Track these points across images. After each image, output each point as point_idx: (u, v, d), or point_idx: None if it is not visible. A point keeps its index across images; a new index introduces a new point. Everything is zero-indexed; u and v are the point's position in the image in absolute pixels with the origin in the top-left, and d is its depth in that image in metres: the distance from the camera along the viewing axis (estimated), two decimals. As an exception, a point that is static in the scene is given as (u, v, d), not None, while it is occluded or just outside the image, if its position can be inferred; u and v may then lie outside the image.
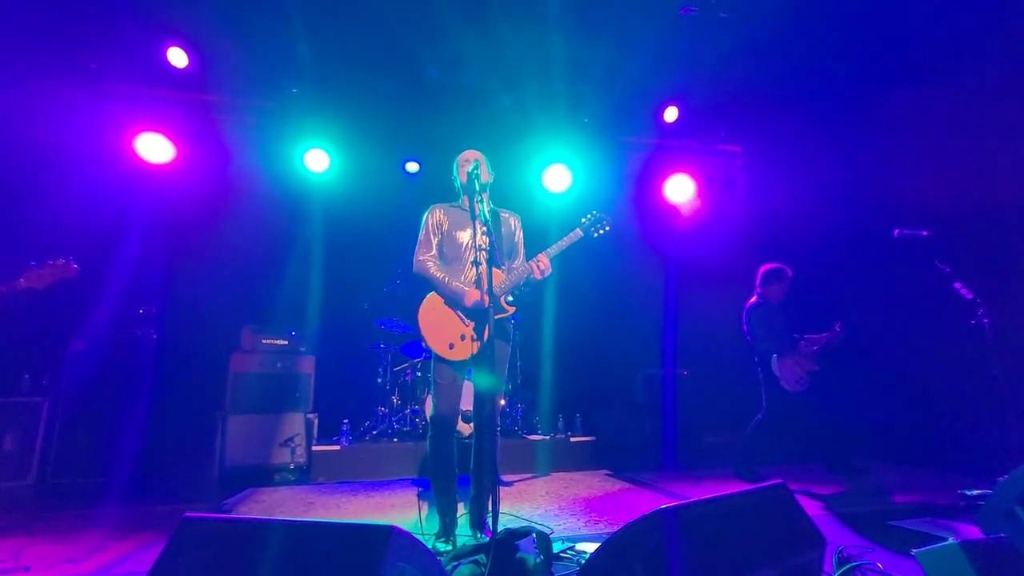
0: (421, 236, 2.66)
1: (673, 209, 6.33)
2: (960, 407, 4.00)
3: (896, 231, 3.35)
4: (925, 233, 3.26)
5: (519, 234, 2.78)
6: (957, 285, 3.10)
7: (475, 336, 2.45)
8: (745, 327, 4.23)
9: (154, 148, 4.99)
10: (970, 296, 3.05)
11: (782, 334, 4.09)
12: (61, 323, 4.44)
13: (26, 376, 4.29)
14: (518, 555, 1.69)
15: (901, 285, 4.23)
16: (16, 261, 2.99)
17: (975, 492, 3.15)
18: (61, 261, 2.77)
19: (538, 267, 2.48)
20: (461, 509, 2.55)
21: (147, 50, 4.64)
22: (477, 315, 2.47)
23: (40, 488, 3.92)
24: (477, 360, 2.48)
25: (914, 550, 1.58)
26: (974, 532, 2.41)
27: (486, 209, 2.45)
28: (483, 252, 2.15)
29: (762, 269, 4.24)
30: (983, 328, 2.97)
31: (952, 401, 4.07)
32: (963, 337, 3.16)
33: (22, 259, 3.15)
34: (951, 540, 1.55)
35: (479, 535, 2.35)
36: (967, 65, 3.98)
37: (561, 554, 2.14)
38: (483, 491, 2.43)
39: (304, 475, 4.33)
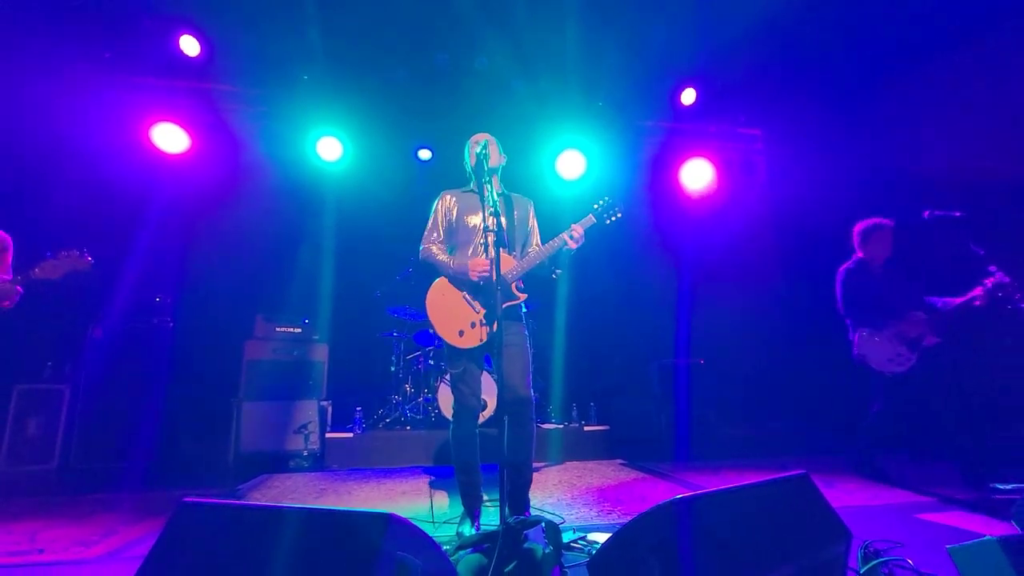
0: (429, 223, 2.62)
1: (690, 195, 6.16)
2: (993, 396, 3.82)
3: (927, 213, 3.17)
4: (958, 214, 3.09)
5: (532, 219, 2.72)
6: (993, 268, 2.94)
7: (484, 322, 2.39)
8: (838, 295, 3.59)
9: (170, 138, 5.01)
10: (1007, 280, 2.89)
11: (877, 302, 3.39)
12: (81, 311, 4.52)
13: (49, 363, 4.38)
14: (526, 544, 1.64)
15: (932, 270, 4.05)
16: (35, 250, 3.02)
17: (1007, 487, 3.01)
18: (75, 252, 2.77)
19: (571, 237, 2.42)
20: (484, 496, 2.56)
21: (159, 39, 4.65)
22: (488, 300, 2.40)
23: (63, 472, 4.00)
24: (491, 347, 2.42)
25: (948, 546, 1.48)
26: (1007, 528, 2.30)
27: (495, 192, 2.38)
28: (491, 234, 2.07)
29: (857, 228, 3.63)
30: (1021, 313, 2.82)
31: (984, 390, 3.89)
32: (999, 323, 3.00)
33: (41, 249, 3.18)
34: (988, 536, 1.45)
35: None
36: (1000, 34, 3.75)
37: (572, 544, 2.09)
38: (514, 478, 2.36)
39: (318, 462, 4.35)
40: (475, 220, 2.55)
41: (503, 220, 2.36)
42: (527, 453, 2.38)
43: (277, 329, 4.78)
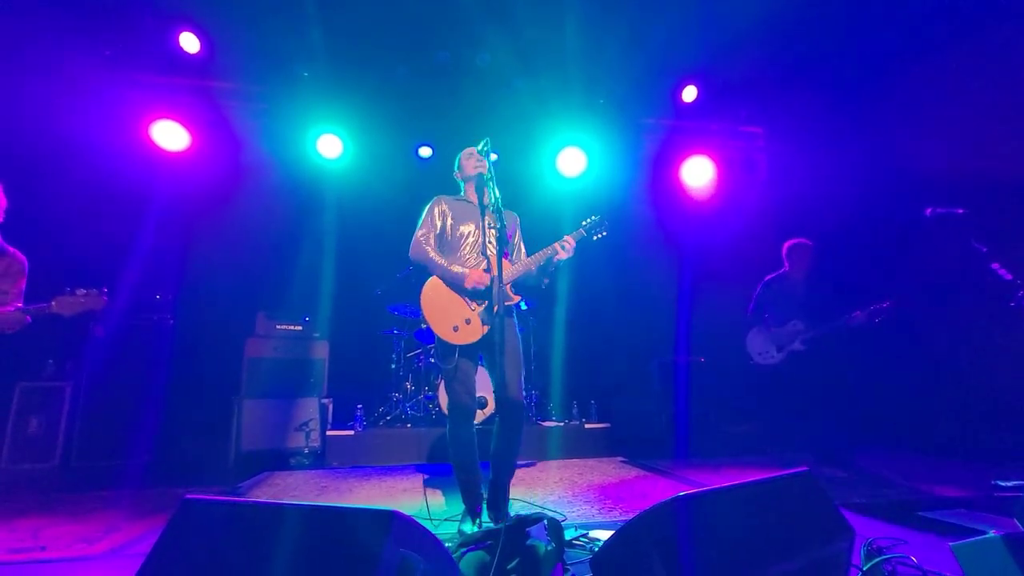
0: (423, 221, 2.62)
1: (691, 193, 6.15)
2: (994, 394, 3.82)
3: (929, 210, 3.16)
4: (960, 211, 3.07)
5: (519, 233, 2.77)
6: (995, 266, 2.93)
7: (483, 320, 2.40)
8: (752, 300, 4.22)
9: (170, 135, 5.00)
10: (1009, 277, 2.88)
11: (774, 309, 4.00)
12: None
13: (50, 361, 4.38)
14: (529, 542, 1.64)
15: (934, 267, 4.04)
16: (34, 250, 3.00)
17: (1010, 483, 3.01)
18: (95, 292, 2.66)
19: (563, 247, 2.47)
20: (484, 494, 2.55)
21: (160, 36, 4.63)
22: (483, 298, 2.42)
23: (64, 470, 4.00)
24: (487, 345, 2.42)
25: (950, 543, 1.48)
26: (1010, 525, 2.29)
27: (495, 192, 2.38)
28: (491, 245, 2.09)
29: (784, 245, 4.17)
30: (1021, 313, 2.81)
31: (986, 388, 3.89)
32: (1001, 320, 2.99)
33: (40, 249, 3.16)
34: (991, 533, 1.44)
35: (495, 519, 2.34)
36: (1003, 30, 3.74)
37: (574, 541, 2.09)
38: (500, 475, 2.41)
39: (319, 459, 4.36)
40: (467, 228, 2.58)
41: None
42: (516, 454, 2.45)
43: (278, 327, 4.78)
